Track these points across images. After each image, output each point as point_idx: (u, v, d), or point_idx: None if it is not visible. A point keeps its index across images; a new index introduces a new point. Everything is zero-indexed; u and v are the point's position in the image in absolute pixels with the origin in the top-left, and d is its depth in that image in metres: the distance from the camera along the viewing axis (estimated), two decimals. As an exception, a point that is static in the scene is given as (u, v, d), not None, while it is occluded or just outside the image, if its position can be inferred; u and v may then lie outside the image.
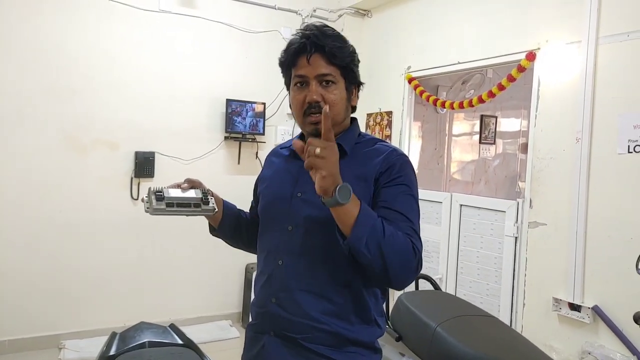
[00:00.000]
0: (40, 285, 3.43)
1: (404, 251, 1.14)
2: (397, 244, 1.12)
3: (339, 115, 1.29)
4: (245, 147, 4.18)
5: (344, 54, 1.28)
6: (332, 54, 1.25)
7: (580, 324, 2.65)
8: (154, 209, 1.23)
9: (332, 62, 1.26)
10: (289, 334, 1.26)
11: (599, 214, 2.59)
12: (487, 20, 3.29)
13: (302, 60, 1.27)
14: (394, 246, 1.12)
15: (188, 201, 1.28)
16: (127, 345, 1.40)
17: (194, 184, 1.35)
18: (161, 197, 1.25)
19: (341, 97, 1.29)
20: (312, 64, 1.26)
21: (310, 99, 1.25)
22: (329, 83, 1.26)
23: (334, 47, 1.25)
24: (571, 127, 2.72)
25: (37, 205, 3.42)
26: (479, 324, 1.85)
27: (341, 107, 1.29)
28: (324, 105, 1.23)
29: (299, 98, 1.28)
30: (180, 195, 1.28)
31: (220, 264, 4.03)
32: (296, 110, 1.31)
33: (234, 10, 4.07)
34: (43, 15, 3.38)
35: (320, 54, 1.25)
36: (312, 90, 1.25)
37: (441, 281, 3.54)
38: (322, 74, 1.25)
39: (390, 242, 1.11)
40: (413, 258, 1.15)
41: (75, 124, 3.52)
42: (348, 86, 1.31)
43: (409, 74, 3.90)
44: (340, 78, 1.28)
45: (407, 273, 1.16)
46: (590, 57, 2.63)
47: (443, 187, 4.65)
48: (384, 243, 1.10)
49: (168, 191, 1.27)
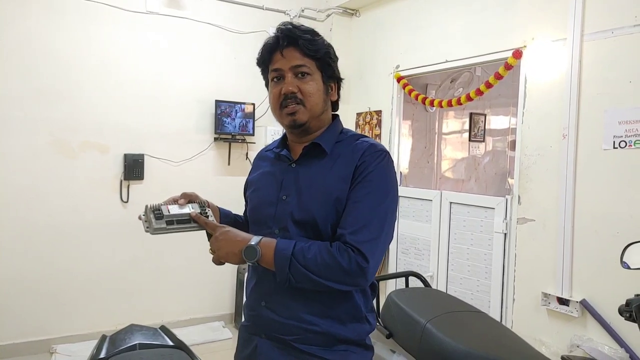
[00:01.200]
0: (30, 290, 3.41)
1: (332, 268, 1.15)
2: (322, 263, 1.16)
3: (316, 106, 1.30)
4: (235, 148, 4.18)
5: (318, 46, 1.29)
6: (305, 46, 1.26)
7: (569, 318, 2.68)
8: (155, 229, 1.21)
9: (306, 54, 1.27)
10: (281, 336, 1.27)
11: (586, 209, 2.63)
12: (474, 18, 3.31)
13: (276, 55, 1.29)
14: (318, 267, 1.16)
15: (187, 218, 1.26)
16: (118, 348, 1.40)
17: (190, 197, 1.33)
18: (160, 216, 1.22)
19: (317, 89, 1.29)
20: (286, 57, 1.27)
21: (285, 90, 1.26)
22: (305, 75, 1.28)
23: (307, 39, 1.27)
24: (558, 123, 2.75)
25: (27, 209, 3.40)
26: (468, 320, 1.86)
27: (318, 98, 1.30)
28: (300, 96, 1.26)
29: (275, 92, 1.30)
30: (179, 212, 1.25)
31: (211, 265, 3.96)
32: (273, 104, 1.32)
33: (222, 11, 4.06)
34: (30, 17, 3.35)
35: (293, 46, 1.27)
36: (288, 82, 1.27)
37: (432, 278, 3.57)
38: (297, 65, 1.27)
39: (313, 264, 1.16)
40: (344, 267, 1.15)
41: (63, 127, 3.50)
42: (325, 80, 1.32)
43: (397, 73, 3.92)
44: (316, 70, 1.29)
45: (343, 280, 1.17)
46: (575, 54, 2.66)
47: (434, 185, 4.67)
48: (308, 269, 1.16)
49: (167, 208, 1.25)
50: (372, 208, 1.21)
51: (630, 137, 2.44)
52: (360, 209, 1.20)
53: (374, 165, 1.24)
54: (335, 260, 1.15)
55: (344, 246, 1.17)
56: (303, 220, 1.25)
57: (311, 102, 1.28)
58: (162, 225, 1.22)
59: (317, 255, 1.16)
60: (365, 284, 1.23)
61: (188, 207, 1.28)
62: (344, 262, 1.15)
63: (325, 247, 1.18)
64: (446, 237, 3.52)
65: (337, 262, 1.15)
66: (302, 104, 1.27)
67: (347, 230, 1.18)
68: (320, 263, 1.16)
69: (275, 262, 1.17)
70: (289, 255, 1.17)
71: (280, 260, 1.17)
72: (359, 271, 1.16)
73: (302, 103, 1.27)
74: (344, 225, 1.20)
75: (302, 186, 1.28)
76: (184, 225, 1.25)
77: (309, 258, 1.16)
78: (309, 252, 1.17)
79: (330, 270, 1.16)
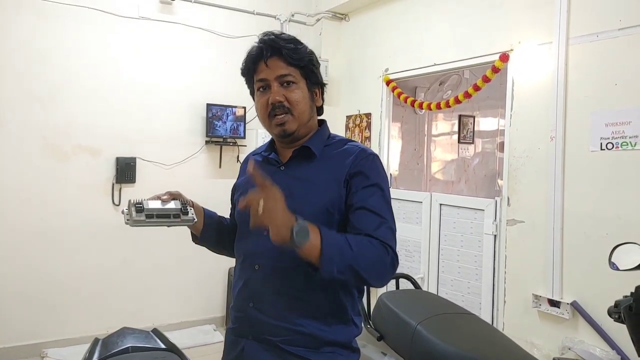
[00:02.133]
0: (21, 294, 3.39)
1: (377, 260, 1.17)
2: (368, 255, 1.15)
3: (303, 114, 1.31)
4: (227, 151, 4.19)
5: (302, 54, 1.30)
6: (289, 55, 1.28)
7: (560, 320, 2.69)
8: (134, 221, 1.24)
9: (290, 62, 1.29)
10: (268, 337, 1.28)
11: (575, 210, 2.65)
12: (461, 22, 3.35)
13: (261, 65, 1.30)
14: (365, 259, 1.14)
15: (167, 212, 1.28)
16: (110, 351, 1.39)
17: (173, 195, 1.35)
18: (141, 209, 1.25)
19: (303, 97, 1.31)
20: (271, 67, 1.29)
21: (272, 100, 1.28)
22: (290, 84, 1.29)
23: (290, 48, 1.28)
24: (545, 126, 2.78)
25: (18, 213, 3.38)
26: (459, 322, 1.88)
27: (305, 106, 1.32)
28: (287, 105, 1.27)
29: (262, 102, 1.31)
30: (159, 207, 1.28)
31: (202, 268, 4.01)
32: (261, 114, 1.33)
33: (213, 16, 4.07)
34: (23, 23, 3.35)
35: (277, 56, 1.28)
36: (274, 92, 1.28)
37: (423, 280, 3.58)
38: (282, 74, 1.28)
39: (361, 256, 1.13)
40: (387, 261, 1.18)
41: (55, 131, 3.49)
42: (310, 86, 1.34)
43: (386, 76, 3.95)
44: (300, 78, 1.31)
45: (383, 276, 1.20)
46: (561, 58, 2.69)
47: (423, 187, 4.70)
48: (355, 262, 1.12)
49: (148, 203, 1.28)
50: (383, 209, 1.24)
51: (617, 138, 2.48)
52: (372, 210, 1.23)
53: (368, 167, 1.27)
54: (377, 254, 1.16)
55: (379, 241, 1.18)
56: None
57: (298, 110, 1.30)
58: (142, 218, 1.24)
59: (362, 248, 1.14)
60: (383, 284, 1.24)
61: (170, 203, 1.31)
62: (386, 260, 1.17)
63: (368, 240, 1.17)
64: (436, 239, 3.54)
65: (379, 256, 1.16)
66: (289, 112, 1.29)
67: (371, 230, 1.20)
68: (368, 256, 1.15)
69: (324, 250, 1.08)
70: (339, 237, 1.14)
71: (330, 247, 1.09)
72: (393, 268, 1.20)
73: (290, 112, 1.29)
74: (363, 227, 1.21)
75: (292, 188, 1.29)
76: (163, 220, 1.27)
77: (355, 250, 1.13)
78: (354, 243, 1.14)
79: (375, 263, 1.16)
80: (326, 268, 1.09)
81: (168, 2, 3.83)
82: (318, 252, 1.08)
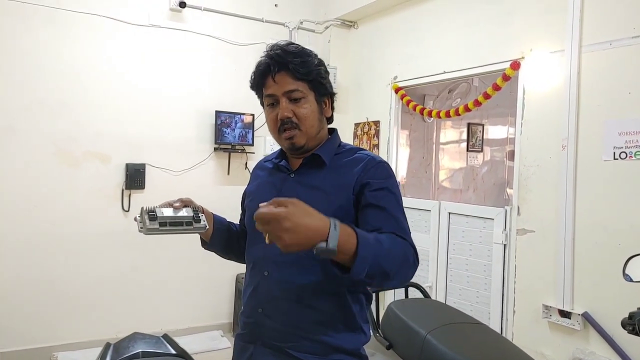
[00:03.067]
0: (32, 298, 3.41)
1: (403, 259, 1.14)
2: (396, 254, 1.12)
3: (312, 128, 1.32)
4: (235, 158, 4.20)
5: (309, 68, 1.30)
6: (296, 70, 1.28)
7: (570, 331, 2.66)
8: (148, 229, 1.24)
9: (297, 77, 1.29)
10: (276, 343, 1.28)
11: (586, 220, 2.62)
12: (472, 30, 3.34)
13: (269, 80, 1.30)
14: (395, 258, 1.11)
15: (180, 220, 1.29)
16: (121, 356, 1.40)
17: (185, 202, 1.35)
18: (154, 217, 1.25)
19: (312, 111, 1.32)
20: (279, 82, 1.29)
21: (281, 116, 1.29)
22: (299, 100, 1.30)
23: (297, 63, 1.28)
24: (557, 134, 2.76)
25: (29, 218, 3.41)
26: (469, 332, 1.86)
27: (313, 120, 1.32)
28: (295, 120, 1.28)
29: (271, 117, 1.32)
30: (172, 215, 1.29)
31: (210, 274, 4.01)
32: (271, 129, 1.35)
33: (222, 23, 4.10)
34: (34, 31, 3.39)
35: (284, 71, 1.29)
36: (282, 108, 1.29)
37: (431, 289, 3.56)
38: (290, 90, 1.29)
39: (391, 256, 1.09)
40: (411, 260, 1.16)
41: (66, 137, 3.52)
42: (318, 98, 1.34)
43: (395, 84, 3.94)
44: (309, 92, 1.31)
45: (407, 275, 1.17)
46: (573, 66, 2.67)
47: (432, 195, 4.68)
48: (385, 261, 1.07)
49: (160, 211, 1.28)
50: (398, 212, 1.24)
51: (630, 148, 2.45)
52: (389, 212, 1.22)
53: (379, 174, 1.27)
54: (405, 252, 1.14)
55: (402, 239, 1.16)
56: None
57: (307, 124, 1.30)
58: (155, 226, 1.24)
59: (392, 246, 1.11)
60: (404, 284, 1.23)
61: (182, 211, 1.31)
62: (409, 255, 1.15)
63: (394, 237, 1.14)
64: (445, 248, 3.51)
65: (406, 255, 1.14)
66: (297, 127, 1.30)
67: (390, 229, 1.18)
68: (396, 254, 1.11)
69: (360, 251, 1.01)
70: (372, 236, 1.07)
71: (365, 248, 1.02)
72: (415, 267, 1.17)
73: (298, 127, 1.30)
74: (383, 224, 1.19)
75: (301, 196, 1.28)
76: (176, 228, 1.28)
77: (386, 248, 1.08)
78: (386, 242, 1.09)
79: (401, 263, 1.13)
80: (357, 269, 1.02)
81: (178, 9, 3.86)
82: (353, 251, 1.01)
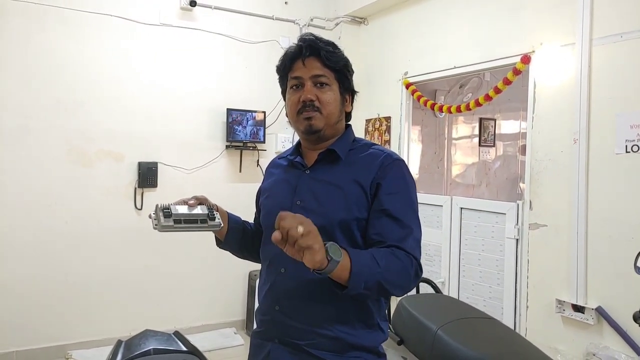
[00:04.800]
0: (46, 296, 3.46)
1: (402, 273, 1.18)
2: (394, 270, 1.16)
3: (332, 115, 1.33)
4: (247, 156, 4.22)
5: (338, 59, 1.33)
6: (326, 57, 1.31)
7: (584, 326, 2.65)
8: (162, 226, 1.25)
9: (326, 64, 1.31)
10: (293, 341, 1.28)
11: (599, 214, 2.60)
12: (482, 24, 3.32)
13: (298, 63, 1.33)
14: (391, 274, 1.16)
15: (195, 217, 1.29)
16: (133, 353, 1.41)
17: (200, 200, 1.36)
18: (169, 214, 1.26)
19: (335, 99, 1.33)
20: (307, 66, 1.31)
21: (304, 98, 1.30)
22: (323, 85, 1.32)
23: (328, 51, 1.31)
24: (568, 128, 2.74)
25: (44, 216, 3.46)
26: (480, 327, 1.85)
27: (334, 108, 1.33)
28: (318, 104, 1.29)
29: (293, 99, 1.33)
30: (187, 212, 1.29)
31: (223, 271, 4.04)
32: (291, 111, 1.36)
33: (233, 21, 4.12)
34: (47, 30, 3.43)
35: (315, 57, 1.31)
36: (307, 90, 1.31)
37: (443, 285, 3.55)
38: (317, 74, 1.31)
39: (387, 271, 1.14)
40: (411, 273, 1.19)
41: (79, 136, 3.56)
42: (342, 91, 1.36)
43: (406, 80, 3.93)
44: (334, 81, 1.34)
45: (407, 287, 1.24)
46: (584, 59, 2.65)
47: (444, 191, 4.66)
48: (382, 277, 1.13)
49: (175, 208, 1.29)
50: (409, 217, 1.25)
51: (642, 141, 2.43)
52: (398, 219, 1.24)
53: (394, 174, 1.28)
54: (403, 266, 1.18)
55: (404, 253, 1.19)
56: (319, 224, 1.25)
57: (328, 110, 1.32)
58: (170, 223, 1.25)
59: (389, 262, 1.16)
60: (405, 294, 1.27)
61: (197, 208, 1.32)
62: (411, 271, 1.19)
63: (392, 253, 1.18)
64: (457, 243, 3.51)
65: (405, 268, 1.18)
66: (319, 111, 1.31)
67: (397, 240, 1.21)
68: (394, 270, 1.16)
69: (353, 267, 1.09)
70: (366, 255, 1.14)
71: (359, 265, 1.10)
72: (416, 278, 1.22)
73: (319, 110, 1.31)
74: (389, 236, 1.22)
75: (317, 191, 1.31)
76: (191, 225, 1.28)
77: (382, 266, 1.14)
78: (380, 258, 1.15)
79: (400, 276, 1.18)
80: (353, 284, 1.10)
81: (188, 8, 3.88)
82: (348, 269, 1.09)
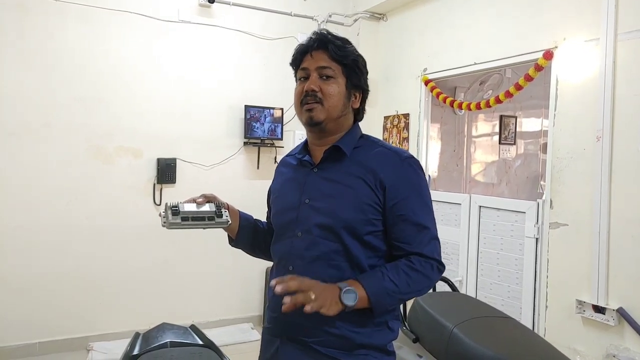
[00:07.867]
0: (68, 289, 3.54)
1: (422, 282, 1.27)
2: (413, 282, 1.25)
3: (334, 108, 1.32)
4: (264, 152, 4.23)
5: (347, 53, 1.33)
6: (334, 51, 1.31)
7: (605, 327, 2.60)
8: (170, 223, 1.29)
9: (333, 57, 1.32)
10: (301, 338, 1.29)
11: (622, 213, 2.55)
12: (503, 20, 3.27)
13: (306, 55, 1.35)
14: (410, 287, 1.25)
15: (202, 215, 1.33)
16: (150, 345, 1.43)
17: (208, 198, 1.39)
18: (177, 212, 1.30)
19: (339, 92, 1.33)
20: (315, 58, 1.33)
21: (307, 88, 1.31)
22: (329, 77, 1.32)
23: (337, 45, 1.32)
24: (591, 125, 2.68)
25: (65, 211, 3.53)
26: (497, 326, 1.84)
27: (337, 101, 1.33)
28: (320, 95, 1.30)
29: (298, 89, 1.35)
30: (194, 210, 1.33)
31: (240, 267, 4.07)
32: (296, 101, 1.37)
33: (251, 18, 4.13)
34: (68, 28, 3.49)
35: (323, 49, 1.32)
36: (311, 81, 1.32)
37: (461, 283, 3.52)
38: (322, 66, 1.32)
39: (406, 287, 1.24)
40: (433, 277, 1.28)
41: (100, 133, 3.62)
42: (349, 87, 1.35)
43: (425, 76, 3.90)
44: (340, 75, 1.33)
45: (428, 289, 1.33)
46: (609, 55, 2.59)
47: (463, 189, 4.61)
48: (401, 294, 1.25)
49: (183, 206, 1.33)
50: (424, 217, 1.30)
51: (667, 139, 2.37)
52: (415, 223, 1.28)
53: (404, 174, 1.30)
54: (423, 275, 1.26)
55: (424, 259, 1.27)
56: (326, 223, 1.27)
57: (330, 102, 1.31)
58: (177, 220, 1.29)
59: (409, 278, 1.24)
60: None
61: (205, 206, 1.35)
62: (432, 275, 1.28)
63: (410, 266, 1.26)
64: (475, 242, 3.47)
65: (425, 275, 1.26)
66: (320, 102, 1.31)
67: (416, 245, 1.27)
68: (413, 282, 1.25)
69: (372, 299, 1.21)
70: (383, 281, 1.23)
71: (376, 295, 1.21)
72: (438, 276, 1.30)
73: (321, 102, 1.31)
74: (410, 241, 1.28)
75: (325, 190, 1.31)
76: (198, 222, 1.32)
77: (399, 285, 1.23)
78: (398, 276, 1.24)
79: (419, 284, 1.27)
80: (378, 311, 1.23)
81: (207, 5, 3.90)
82: (367, 302, 1.21)
